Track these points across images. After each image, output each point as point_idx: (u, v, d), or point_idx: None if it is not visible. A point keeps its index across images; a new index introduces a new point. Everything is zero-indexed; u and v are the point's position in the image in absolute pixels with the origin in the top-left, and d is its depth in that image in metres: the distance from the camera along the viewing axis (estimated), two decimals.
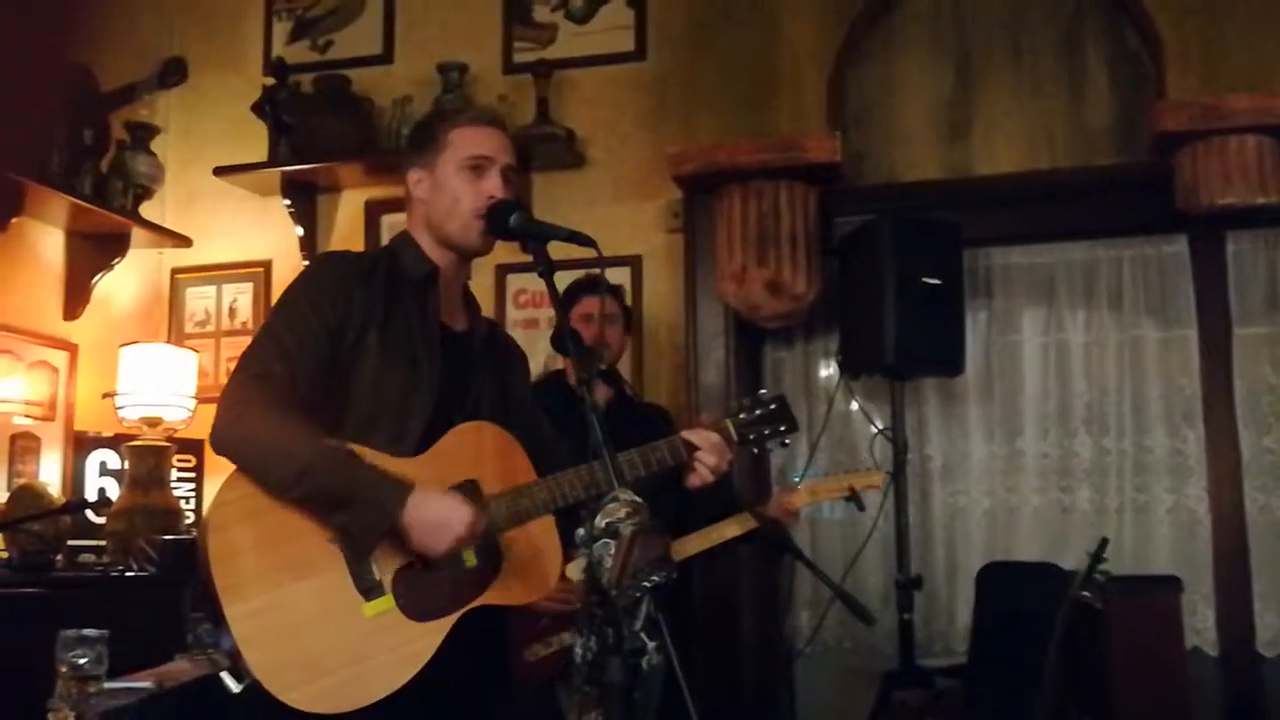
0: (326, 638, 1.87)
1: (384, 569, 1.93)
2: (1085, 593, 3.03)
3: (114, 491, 3.96)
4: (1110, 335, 3.96)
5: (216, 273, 4.55)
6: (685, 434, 2.19)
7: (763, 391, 2.35)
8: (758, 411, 2.28)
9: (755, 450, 2.30)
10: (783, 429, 2.30)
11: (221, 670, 1.87)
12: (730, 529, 3.04)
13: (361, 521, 1.88)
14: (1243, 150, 3.51)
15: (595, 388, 3.10)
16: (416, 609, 1.92)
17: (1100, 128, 3.94)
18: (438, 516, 1.89)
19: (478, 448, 2.04)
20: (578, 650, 1.76)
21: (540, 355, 3.93)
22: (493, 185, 2.08)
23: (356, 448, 1.94)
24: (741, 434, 2.27)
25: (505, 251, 3.08)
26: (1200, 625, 3.73)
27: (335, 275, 2.05)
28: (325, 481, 1.88)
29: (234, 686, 1.85)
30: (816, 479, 3.19)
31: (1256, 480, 3.78)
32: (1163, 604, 3.24)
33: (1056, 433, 3.96)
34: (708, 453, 2.16)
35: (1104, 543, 3.07)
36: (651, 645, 1.70)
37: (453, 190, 2.08)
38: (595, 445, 1.83)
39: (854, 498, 3.18)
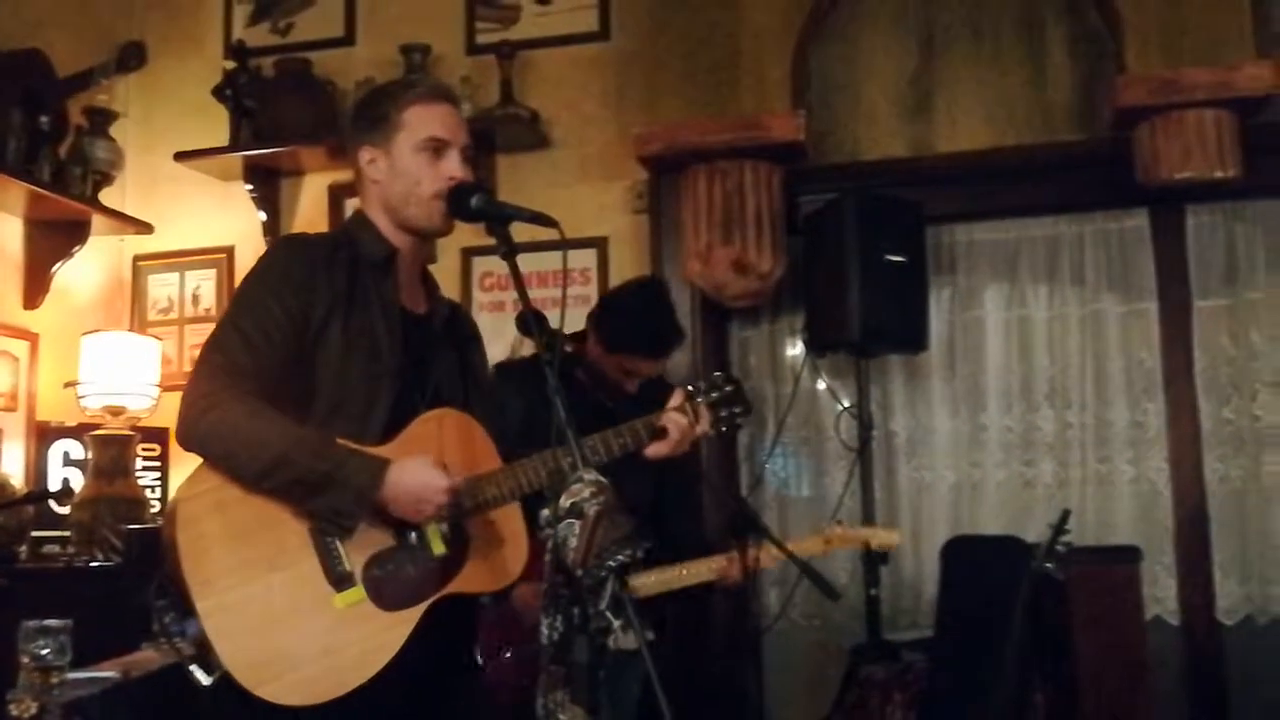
0: (298, 630, 1.87)
1: (355, 559, 1.92)
2: (1048, 564, 3.07)
3: (78, 481, 3.92)
4: (1072, 310, 4.00)
5: (179, 259, 4.51)
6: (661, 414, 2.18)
7: (717, 374, 2.32)
8: (714, 394, 2.27)
9: (713, 432, 2.30)
10: (738, 410, 2.29)
11: (189, 662, 1.85)
12: (703, 571, 3.00)
13: (341, 503, 1.87)
14: (1201, 124, 3.54)
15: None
16: (387, 599, 1.92)
17: (1061, 104, 3.97)
18: (416, 486, 1.90)
19: (443, 435, 2.03)
20: (544, 630, 1.77)
21: (506, 338, 3.93)
22: (452, 166, 2.06)
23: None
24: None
25: (470, 234, 3.09)
26: (1162, 594, 3.79)
27: (296, 261, 2.02)
28: (301, 468, 1.86)
29: (204, 679, 1.84)
30: (834, 529, 3.15)
31: (1216, 450, 3.83)
32: (1121, 574, 3.29)
33: (1019, 407, 4.00)
34: (672, 426, 2.15)
35: (1066, 515, 3.11)
36: (617, 624, 1.71)
37: (411, 172, 2.06)
38: (559, 427, 1.82)
39: (868, 551, 3.21)
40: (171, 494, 4.10)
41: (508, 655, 2.90)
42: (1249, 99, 3.53)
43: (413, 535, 1.98)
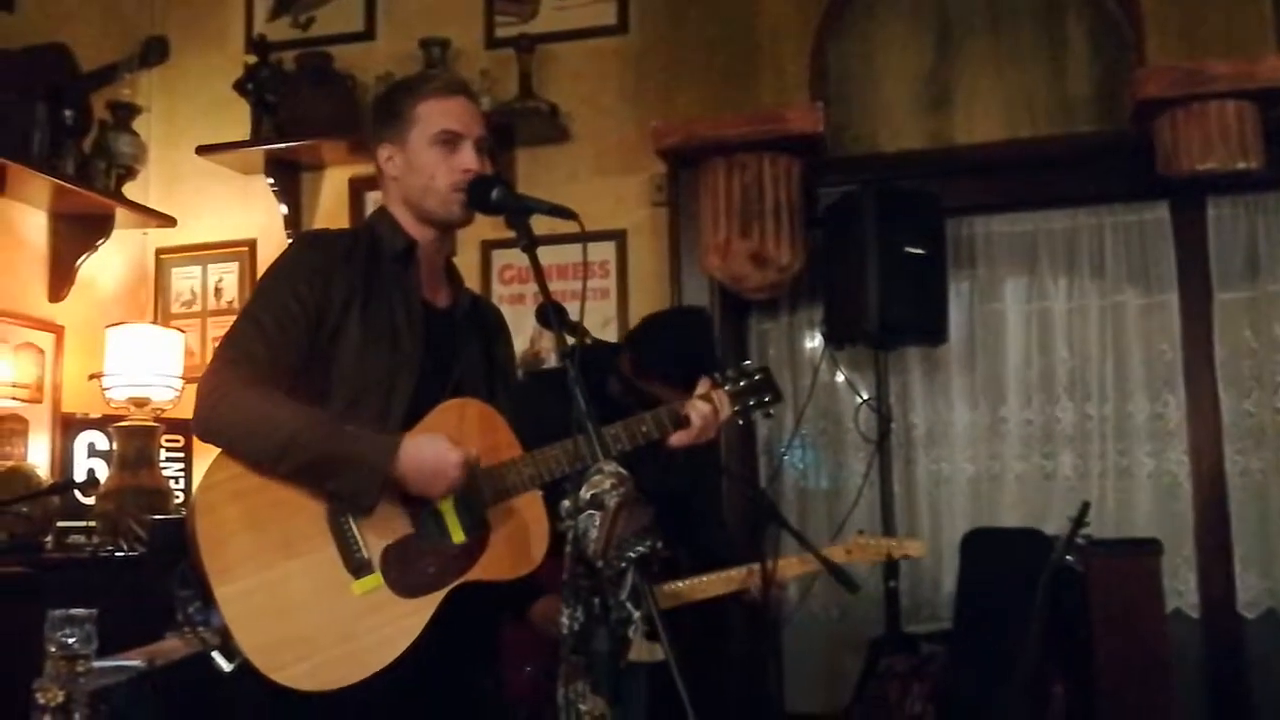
0: (317, 617, 1.88)
1: (373, 546, 1.93)
2: (1068, 557, 3.07)
3: (102, 472, 3.97)
4: (1092, 302, 3.99)
5: (201, 252, 4.55)
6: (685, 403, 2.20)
7: (747, 363, 2.36)
8: (743, 383, 2.29)
9: (740, 421, 2.31)
10: (767, 399, 2.32)
11: (211, 649, 1.87)
12: (721, 584, 2.92)
13: (355, 481, 1.88)
14: (1223, 115, 3.52)
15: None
16: (405, 586, 1.93)
17: (1080, 95, 3.96)
18: (432, 460, 1.90)
19: (463, 424, 2.03)
20: (564, 620, 1.79)
21: (526, 331, 3.94)
22: (467, 159, 2.07)
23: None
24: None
25: (490, 227, 3.11)
26: (1182, 587, 3.78)
27: (314, 256, 2.04)
28: (314, 449, 1.87)
29: (225, 666, 1.86)
30: (856, 539, 3.04)
31: (1237, 443, 3.82)
32: (1142, 566, 3.29)
33: (1039, 399, 3.99)
34: (695, 414, 2.18)
35: (1085, 507, 3.10)
36: (637, 614, 1.72)
37: (427, 167, 2.07)
38: (579, 418, 1.83)
39: (891, 562, 3.12)
40: (195, 484, 4.17)
41: (528, 670, 2.86)
42: (1271, 90, 3.51)
43: (432, 522, 1.99)
